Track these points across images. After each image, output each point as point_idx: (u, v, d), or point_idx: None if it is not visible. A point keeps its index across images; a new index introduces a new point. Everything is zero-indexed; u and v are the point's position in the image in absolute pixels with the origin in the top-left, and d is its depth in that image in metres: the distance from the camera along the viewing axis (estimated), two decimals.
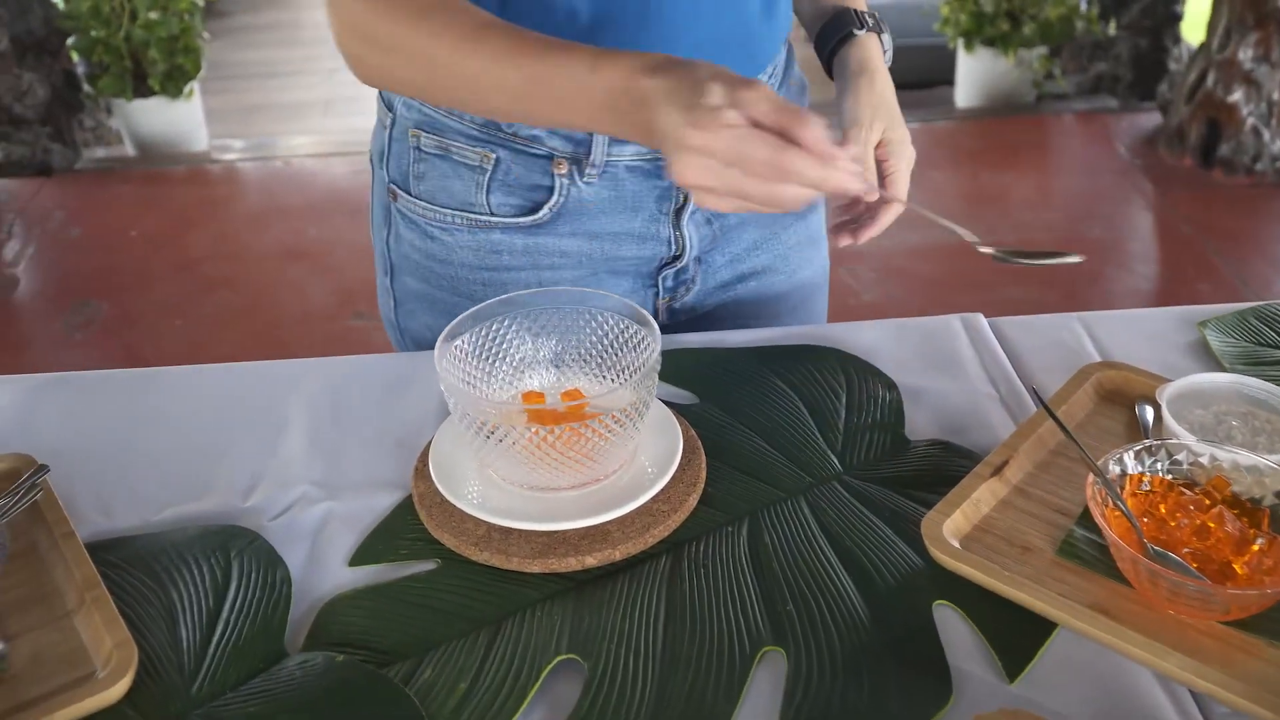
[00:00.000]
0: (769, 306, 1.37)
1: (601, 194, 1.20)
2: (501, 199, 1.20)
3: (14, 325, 3.56)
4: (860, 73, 1.18)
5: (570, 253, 1.23)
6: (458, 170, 1.19)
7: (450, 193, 1.21)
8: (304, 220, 4.08)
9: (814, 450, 1.06)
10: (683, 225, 1.24)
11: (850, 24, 1.21)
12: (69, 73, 4.75)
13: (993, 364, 1.17)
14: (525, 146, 1.16)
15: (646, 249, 1.25)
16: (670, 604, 0.90)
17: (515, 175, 1.18)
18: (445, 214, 1.22)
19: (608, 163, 1.17)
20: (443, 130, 1.19)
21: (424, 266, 1.27)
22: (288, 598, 0.93)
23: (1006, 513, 0.96)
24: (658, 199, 1.22)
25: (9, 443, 1.11)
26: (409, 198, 1.24)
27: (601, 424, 0.93)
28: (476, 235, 1.22)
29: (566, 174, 1.17)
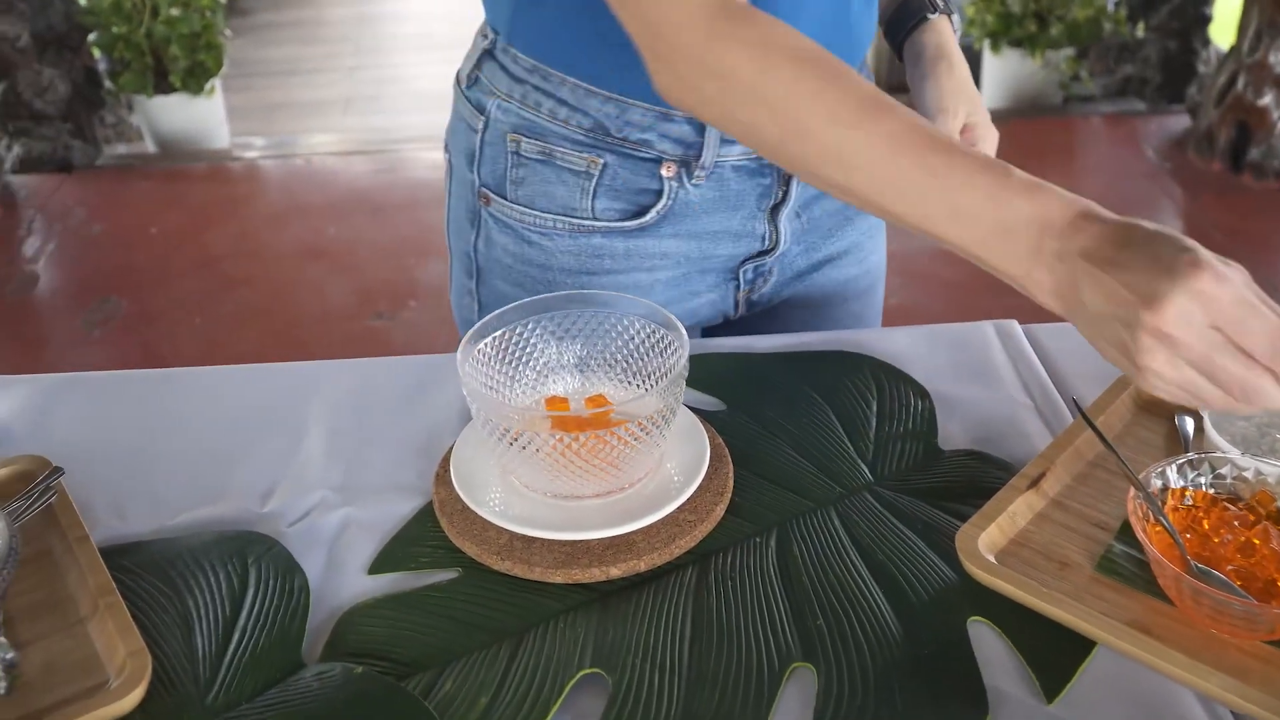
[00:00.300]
0: (840, 292, 1.36)
1: (707, 195, 1.18)
2: (607, 203, 1.18)
3: (34, 322, 3.56)
4: (939, 58, 1.17)
5: (670, 254, 1.22)
6: (561, 175, 1.17)
7: (552, 197, 1.19)
8: (324, 219, 4.07)
9: (844, 459, 1.04)
10: (779, 221, 1.23)
11: (924, 8, 1.20)
12: (90, 69, 4.75)
13: (1028, 372, 1.15)
14: (634, 150, 1.15)
15: (741, 246, 1.24)
16: (696, 617, 0.88)
17: (622, 180, 1.17)
18: (545, 218, 1.20)
19: (716, 163, 1.16)
20: (545, 135, 1.16)
21: (517, 271, 1.25)
22: (305, 606, 0.91)
23: (1044, 527, 0.94)
24: (759, 196, 1.20)
25: (24, 444, 1.10)
26: (505, 202, 1.22)
27: (627, 431, 0.91)
28: (578, 240, 1.20)
29: (675, 176, 1.16)
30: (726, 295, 1.30)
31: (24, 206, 4.23)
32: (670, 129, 1.13)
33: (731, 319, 1.33)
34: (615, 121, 1.13)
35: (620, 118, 1.13)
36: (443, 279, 3.56)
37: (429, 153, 4.68)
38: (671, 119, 1.13)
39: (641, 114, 1.13)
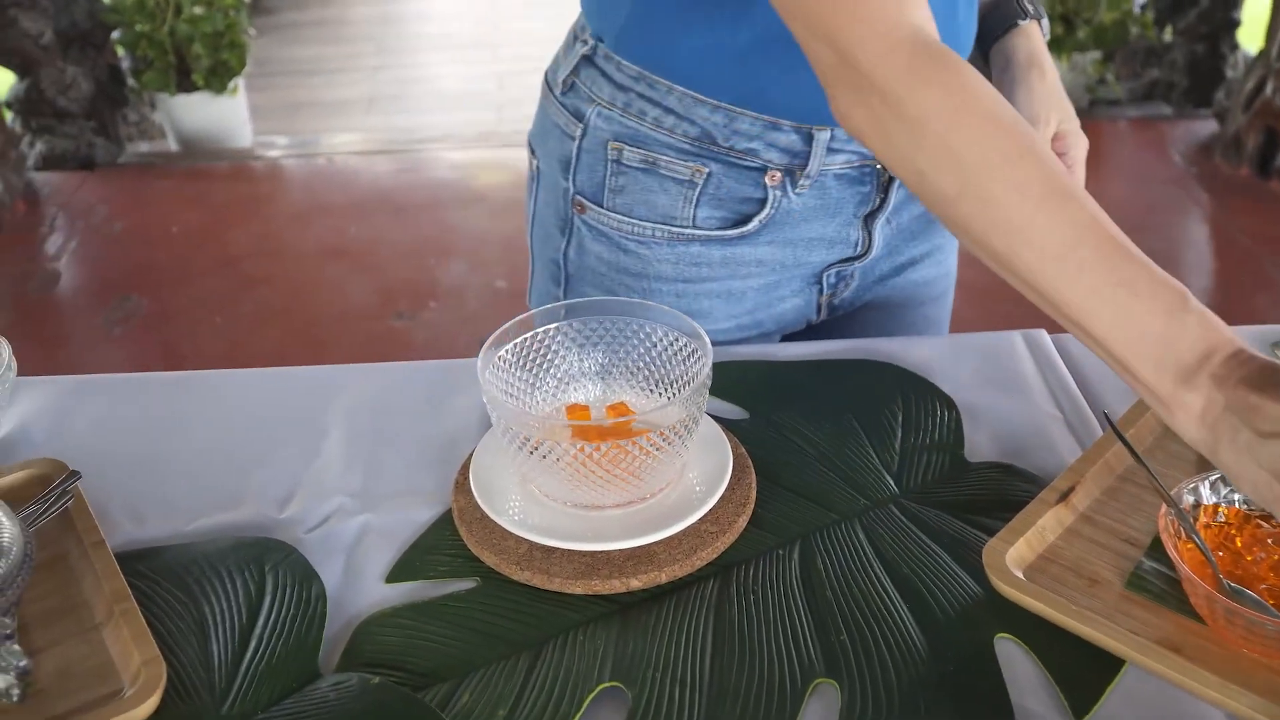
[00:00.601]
0: (917, 295, 1.36)
1: (809, 203, 1.18)
2: (709, 212, 1.17)
3: (55, 320, 3.57)
4: (1031, 65, 1.15)
5: (765, 261, 1.21)
6: (664, 184, 1.16)
7: (652, 206, 1.18)
8: (346, 218, 4.07)
9: (869, 471, 1.02)
10: (874, 227, 1.22)
11: (1015, 14, 1.18)
12: (113, 67, 4.76)
13: (1057, 383, 1.13)
14: (740, 159, 1.14)
15: (833, 252, 1.24)
16: (718, 631, 0.86)
17: (726, 189, 1.16)
18: (644, 227, 1.19)
19: (820, 172, 1.15)
20: (648, 143, 1.15)
21: (611, 279, 1.24)
22: (323, 614, 0.90)
23: (1073, 542, 0.92)
24: (857, 203, 1.20)
25: (40, 447, 1.09)
26: (602, 210, 1.20)
27: (649, 440, 0.90)
28: (676, 248, 1.20)
29: (779, 185, 1.15)
30: (810, 300, 1.29)
31: (46, 204, 4.24)
32: (778, 138, 1.12)
33: (813, 323, 1.33)
34: (723, 130, 1.12)
35: (728, 126, 1.12)
36: (461, 278, 3.59)
37: (451, 152, 4.68)
38: (779, 128, 1.11)
39: (750, 123, 1.11)
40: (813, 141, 1.12)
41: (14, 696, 0.79)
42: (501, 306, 3.42)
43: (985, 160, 0.84)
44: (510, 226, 3.89)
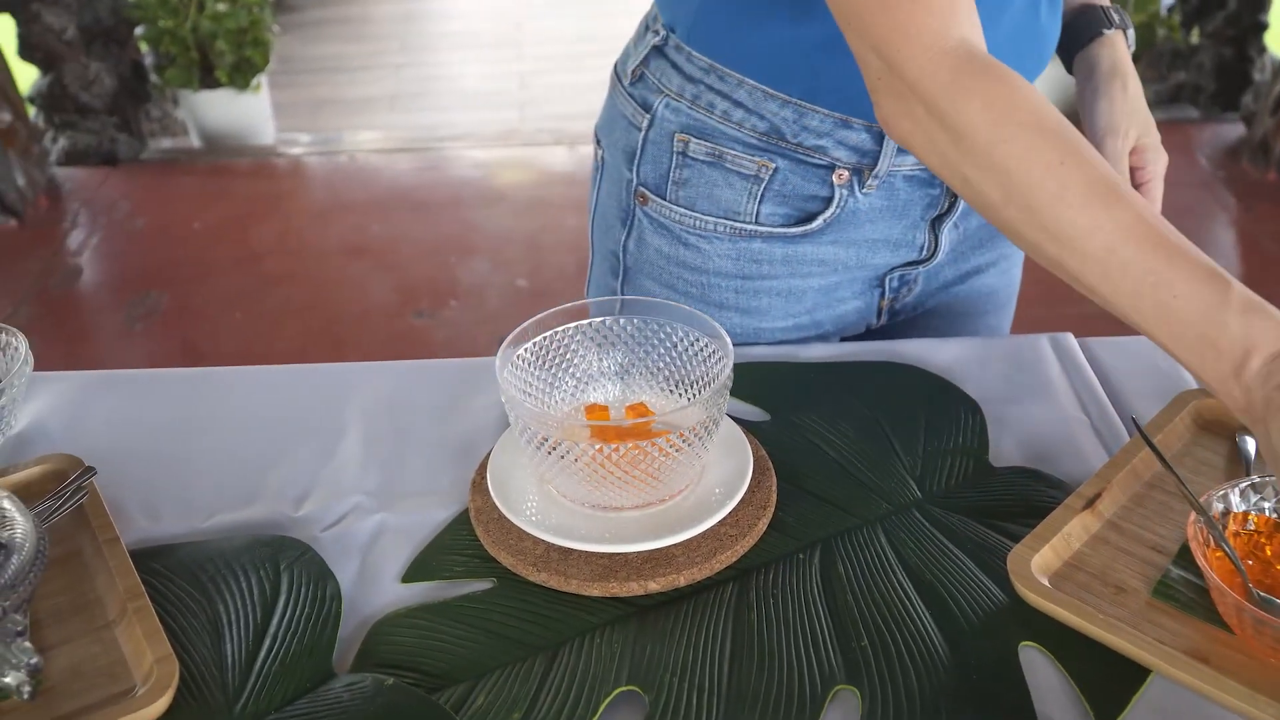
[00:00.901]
0: (980, 304, 1.34)
1: (876, 203, 1.16)
2: (772, 209, 1.16)
3: (76, 315, 3.57)
4: (1113, 75, 1.13)
5: (827, 261, 1.20)
6: (729, 178, 1.15)
7: (715, 200, 1.17)
8: (367, 216, 4.07)
9: (892, 475, 1.01)
10: (941, 231, 1.21)
11: (1100, 23, 1.16)
12: (136, 63, 4.77)
13: (1083, 387, 1.11)
14: (808, 156, 1.13)
15: (898, 255, 1.23)
16: (737, 636, 0.85)
17: (792, 185, 1.15)
18: (706, 221, 1.18)
19: (889, 173, 1.14)
20: (715, 136, 1.14)
21: (669, 272, 1.23)
22: (337, 614, 0.89)
23: (1099, 549, 0.90)
24: (925, 206, 1.18)
25: (56, 443, 1.09)
26: (664, 203, 1.20)
27: (668, 442, 0.89)
28: (737, 244, 1.19)
29: (846, 184, 1.14)
30: (871, 302, 1.28)
31: (69, 199, 4.25)
32: (848, 136, 1.11)
33: (873, 327, 1.32)
34: (792, 126, 1.11)
35: (798, 122, 1.11)
36: (483, 277, 3.58)
37: (473, 151, 4.67)
38: (850, 126, 1.10)
39: (820, 120, 1.10)
40: (884, 141, 1.11)
41: (25, 694, 0.78)
42: (522, 305, 3.41)
43: (1027, 171, 0.86)
44: (532, 225, 3.88)
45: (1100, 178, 0.85)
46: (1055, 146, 0.86)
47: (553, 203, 4.04)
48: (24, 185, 4.12)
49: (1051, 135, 0.87)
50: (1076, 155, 0.86)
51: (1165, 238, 0.83)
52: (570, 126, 4.78)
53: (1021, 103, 0.88)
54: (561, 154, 4.54)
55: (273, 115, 4.87)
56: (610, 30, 6.16)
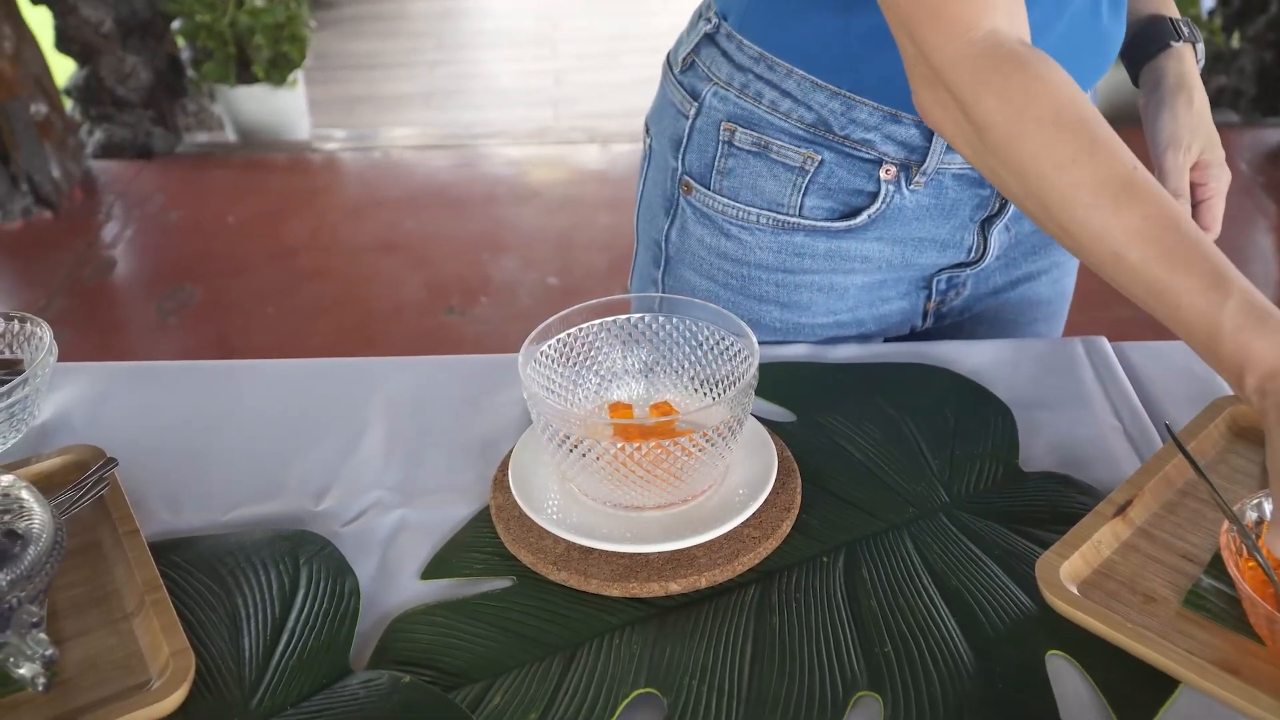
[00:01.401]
0: (1030, 313, 1.33)
1: (923, 201, 1.15)
2: (816, 202, 1.15)
3: (109, 307, 3.59)
4: (1179, 89, 1.11)
5: (871, 258, 1.19)
6: (774, 169, 1.14)
7: (759, 191, 1.16)
8: (400, 213, 4.08)
9: (919, 478, 0.99)
10: (990, 233, 1.19)
11: (1167, 34, 1.14)
12: (173, 57, 4.80)
13: (1117, 392, 1.09)
14: (855, 150, 1.11)
15: (945, 256, 1.21)
16: (758, 639, 0.84)
17: (838, 179, 1.13)
18: (749, 212, 1.17)
19: (937, 170, 1.12)
20: (762, 126, 1.13)
21: (710, 263, 1.23)
22: (355, 610, 0.88)
23: (1129, 557, 0.89)
24: (975, 206, 1.17)
25: (79, 433, 1.09)
26: (707, 192, 1.19)
27: (692, 441, 0.88)
28: (780, 236, 1.18)
29: (893, 180, 1.13)
30: (916, 304, 1.26)
31: (103, 192, 4.28)
32: (897, 131, 1.10)
33: (918, 329, 1.30)
34: (840, 119, 1.10)
35: (846, 115, 1.09)
36: (514, 274, 3.58)
37: (506, 148, 4.67)
38: (899, 120, 1.09)
39: (869, 113, 1.09)
40: (933, 137, 1.09)
41: (40, 686, 0.78)
42: (553, 303, 3.40)
43: (1039, 168, 0.87)
44: (564, 223, 3.88)
45: (1112, 177, 0.85)
46: (1069, 144, 0.86)
47: (585, 201, 4.04)
48: (59, 177, 4.15)
49: (1068, 131, 0.86)
50: (1090, 153, 0.86)
51: (1171, 244, 0.83)
52: (604, 125, 4.78)
53: (1040, 96, 0.87)
54: (594, 152, 4.54)
55: (308, 111, 4.89)
56: (646, 29, 6.16)
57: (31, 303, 3.48)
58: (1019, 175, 0.89)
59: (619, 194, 4.06)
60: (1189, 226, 0.84)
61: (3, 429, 1.04)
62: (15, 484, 0.85)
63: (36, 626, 0.78)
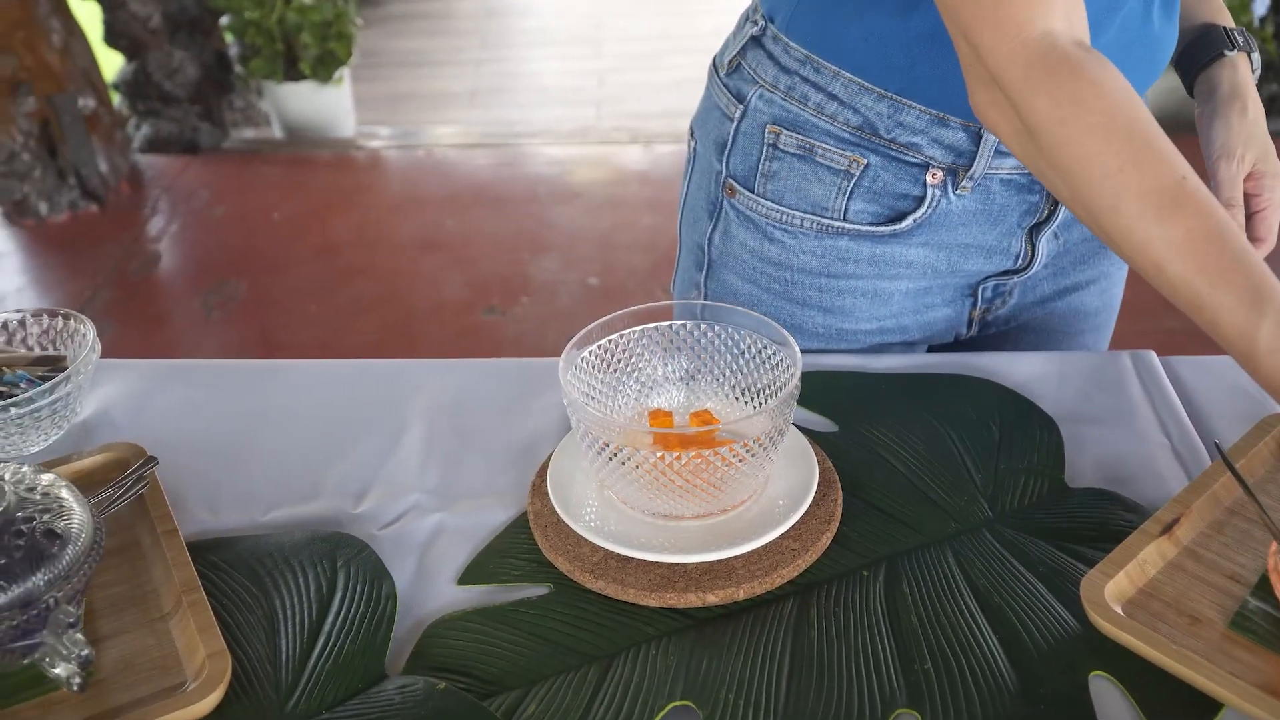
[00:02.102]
0: (1077, 324, 1.31)
1: (970, 206, 1.14)
2: (861, 206, 1.14)
3: (154, 301, 3.62)
4: (1233, 98, 1.10)
5: (916, 263, 1.18)
6: (818, 172, 1.14)
7: (803, 194, 1.15)
8: (443, 211, 4.09)
9: (962, 493, 0.98)
10: (1038, 240, 1.18)
11: (1222, 43, 1.12)
12: (221, 53, 4.83)
13: (1165, 408, 1.07)
14: (901, 153, 1.11)
15: (991, 262, 1.20)
16: (795, 653, 0.83)
17: (883, 183, 1.13)
18: (793, 216, 1.16)
19: (985, 175, 1.11)
20: (808, 129, 1.13)
21: (753, 268, 1.22)
22: (392, 614, 0.88)
23: (1175, 577, 0.87)
24: (1023, 213, 1.15)
25: (121, 430, 1.09)
26: (751, 195, 1.18)
27: (732, 451, 0.87)
28: (824, 241, 1.17)
29: (940, 184, 1.12)
30: (962, 311, 1.25)
31: (150, 186, 4.31)
32: (944, 134, 1.09)
33: (962, 338, 1.28)
34: (886, 121, 1.09)
35: (892, 118, 1.09)
36: (555, 274, 3.58)
37: (549, 148, 4.67)
38: (947, 124, 1.08)
39: (916, 116, 1.08)
40: (981, 141, 1.08)
41: (75, 686, 0.78)
42: (594, 303, 3.40)
43: (1087, 175, 0.87)
44: (605, 224, 3.87)
45: (1158, 187, 0.85)
46: (1118, 151, 0.86)
47: (626, 201, 4.03)
48: (106, 171, 4.19)
49: (1119, 138, 0.86)
50: (1138, 161, 0.85)
51: (1212, 258, 0.83)
52: (646, 125, 4.78)
53: (1091, 102, 0.87)
54: (637, 152, 4.53)
55: (353, 108, 4.91)
56: (690, 29, 6.15)
57: (77, 295, 3.51)
58: (1066, 180, 0.89)
59: (661, 195, 4.05)
60: (1234, 240, 0.83)
61: (45, 426, 1.05)
62: (55, 483, 0.85)
63: (73, 627, 0.78)
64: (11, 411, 1.01)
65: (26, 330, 1.12)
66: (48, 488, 0.84)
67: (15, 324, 1.12)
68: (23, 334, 1.12)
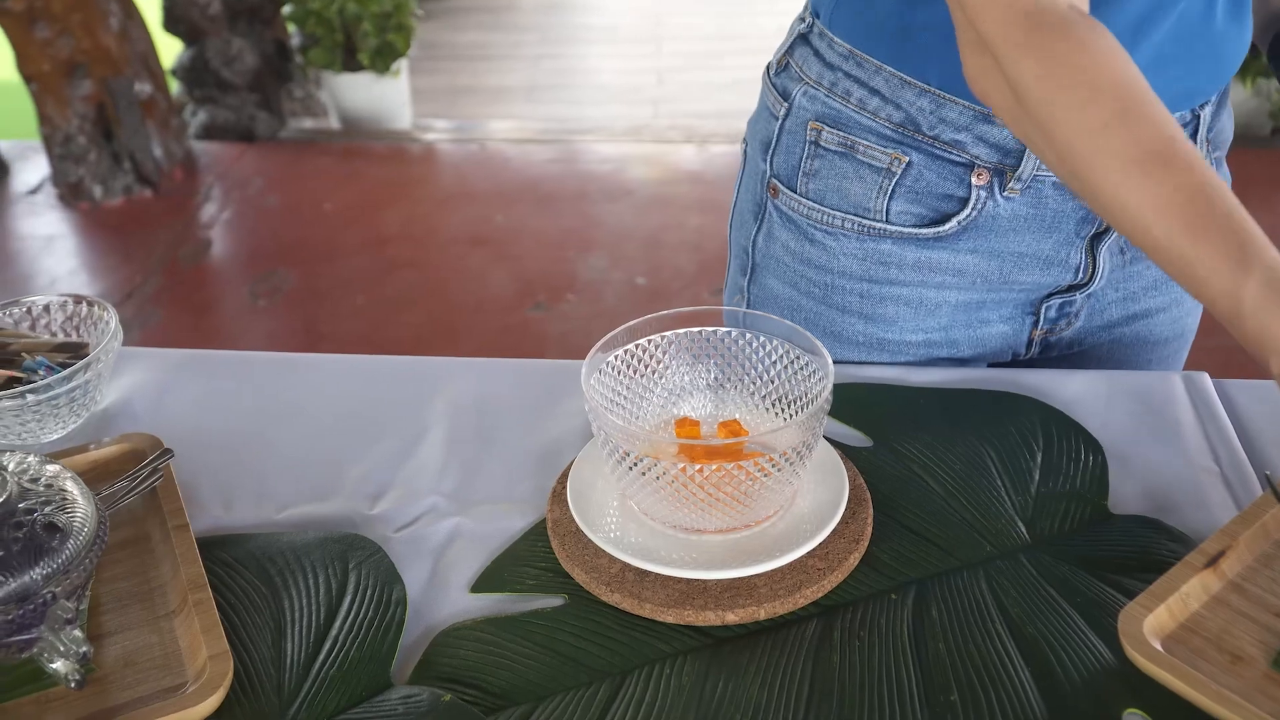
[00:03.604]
0: (1147, 352, 1.25)
1: (1020, 210, 1.09)
2: (903, 206, 1.10)
3: (202, 288, 3.63)
4: None
5: (966, 271, 1.13)
6: (859, 171, 1.10)
7: (844, 194, 1.12)
8: (492, 206, 4.07)
9: (999, 515, 0.93)
10: (1099, 252, 1.13)
11: None
12: (280, 42, 4.85)
13: (1216, 433, 1.02)
14: (944, 151, 1.07)
15: (1049, 275, 1.14)
16: (816, 678, 0.79)
17: (926, 182, 1.09)
18: (834, 216, 1.13)
19: (1035, 176, 1.07)
20: (849, 126, 1.10)
21: (794, 270, 1.18)
22: (401, 620, 0.85)
23: (1218, 612, 0.83)
24: (1079, 221, 1.10)
25: (140, 421, 1.07)
26: (793, 195, 1.15)
27: (757, 466, 0.83)
28: (865, 243, 1.13)
29: (986, 185, 1.08)
30: (1021, 330, 1.19)
31: (204, 173, 4.33)
32: (989, 132, 1.05)
33: (1020, 358, 1.23)
34: (929, 118, 1.06)
35: (935, 114, 1.05)
36: (602, 273, 3.56)
37: (603, 145, 4.65)
38: (991, 121, 1.04)
39: (959, 112, 1.05)
40: None
41: (73, 683, 0.76)
42: (640, 303, 3.38)
43: (1069, 134, 0.85)
44: (654, 223, 3.84)
45: (1145, 146, 0.82)
46: (1103, 109, 0.84)
47: (677, 201, 4.00)
48: (161, 156, 4.21)
49: (1105, 97, 0.84)
50: (1123, 119, 0.83)
51: (1198, 216, 0.81)
52: (702, 125, 4.74)
53: (1079, 62, 0.85)
54: (690, 152, 4.50)
55: (410, 100, 4.92)
56: (750, 29, 6.11)
57: (127, 280, 3.53)
58: (1050, 140, 0.87)
59: (712, 195, 4.02)
60: (1223, 198, 0.80)
61: (63, 414, 1.03)
62: (60, 474, 0.83)
63: (71, 623, 0.76)
64: (28, 399, 0.99)
65: (50, 316, 1.11)
66: (52, 479, 0.82)
67: (39, 309, 1.10)
68: (46, 319, 1.10)
